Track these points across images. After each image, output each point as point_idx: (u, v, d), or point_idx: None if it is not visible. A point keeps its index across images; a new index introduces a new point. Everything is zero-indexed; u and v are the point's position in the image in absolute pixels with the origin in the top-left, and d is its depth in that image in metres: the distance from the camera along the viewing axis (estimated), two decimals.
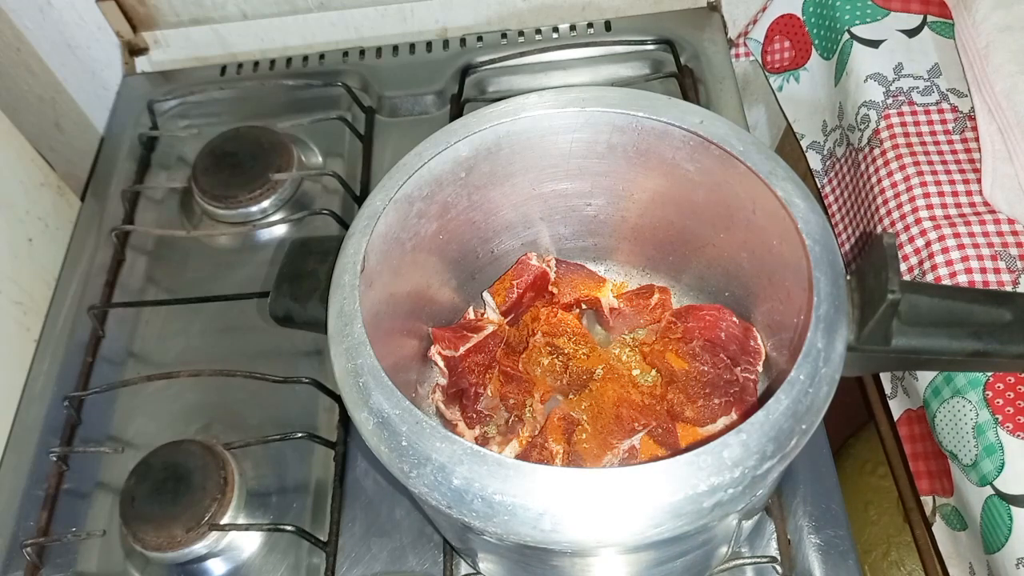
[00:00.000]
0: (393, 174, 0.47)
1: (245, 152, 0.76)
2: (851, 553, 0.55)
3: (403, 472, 0.37)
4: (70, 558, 0.60)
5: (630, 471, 0.35)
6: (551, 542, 0.35)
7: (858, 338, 0.40)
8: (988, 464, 0.54)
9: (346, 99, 0.81)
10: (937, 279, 0.61)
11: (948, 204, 0.64)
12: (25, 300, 0.73)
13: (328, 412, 0.64)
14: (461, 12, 0.87)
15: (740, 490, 0.35)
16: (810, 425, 0.37)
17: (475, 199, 0.52)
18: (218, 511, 0.58)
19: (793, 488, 0.57)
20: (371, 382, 0.39)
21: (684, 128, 0.46)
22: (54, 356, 0.71)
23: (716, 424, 0.53)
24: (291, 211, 0.76)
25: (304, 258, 0.48)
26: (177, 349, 0.70)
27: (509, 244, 0.57)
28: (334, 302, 0.43)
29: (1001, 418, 0.55)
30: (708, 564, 0.52)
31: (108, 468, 0.64)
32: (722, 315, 0.54)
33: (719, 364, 0.53)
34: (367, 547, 0.58)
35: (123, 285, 0.74)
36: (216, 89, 0.85)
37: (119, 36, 0.87)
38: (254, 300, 0.69)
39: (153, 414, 0.66)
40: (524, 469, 0.35)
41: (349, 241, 0.45)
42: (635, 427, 0.53)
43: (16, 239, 0.75)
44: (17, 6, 0.84)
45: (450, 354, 0.54)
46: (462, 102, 0.79)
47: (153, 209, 0.79)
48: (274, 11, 0.86)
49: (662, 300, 0.57)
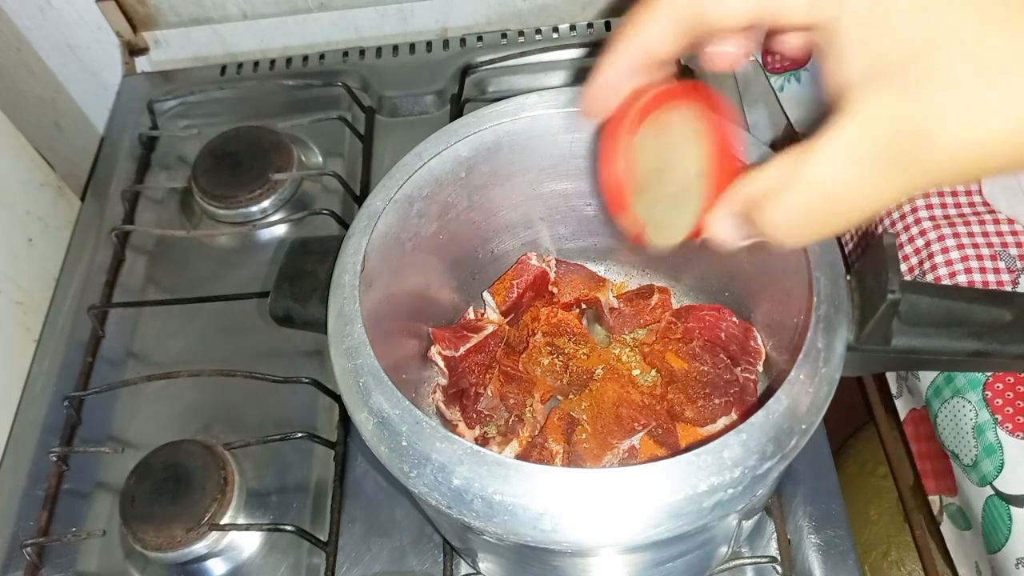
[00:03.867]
0: (393, 174, 0.47)
1: (245, 152, 0.76)
2: (851, 553, 0.55)
3: (403, 472, 0.37)
4: (70, 558, 0.60)
5: (630, 471, 0.35)
6: (551, 542, 0.35)
7: (858, 338, 0.40)
8: (988, 464, 0.54)
9: (346, 99, 0.81)
10: (937, 279, 0.61)
11: (948, 204, 0.64)
12: (25, 300, 0.73)
13: (328, 412, 0.64)
14: (461, 12, 0.87)
15: (740, 490, 0.35)
16: (810, 425, 0.37)
17: (475, 199, 0.52)
18: (218, 511, 0.58)
19: (793, 488, 0.57)
20: (371, 382, 0.39)
21: None
22: (54, 356, 0.71)
23: (716, 424, 0.53)
24: (291, 211, 0.76)
25: (304, 258, 0.48)
26: (177, 349, 0.70)
27: (509, 244, 0.57)
28: (334, 302, 0.43)
29: (1000, 418, 0.55)
30: (708, 564, 0.52)
31: (108, 468, 0.64)
32: (722, 315, 0.54)
33: (719, 364, 0.53)
34: (367, 547, 0.58)
35: (123, 285, 0.74)
36: (216, 89, 0.85)
37: (119, 36, 0.87)
38: (254, 300, 0.69)
39: (153, 414, 0.66)
40: (524, 469, 0.35)
41: (349, 241, 0.45)
42: (635, 427, 0.53)
43: (16, 239, 0.75)
44: (17, 6, 0.84)
45: (450, 354, 0.54)
46: (462, 102, 0.79)
47: (153, 209, 0.79)
48: (274, 11, 0.86)
49: (662, 300, 0.57)
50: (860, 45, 0.25)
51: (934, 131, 0.24)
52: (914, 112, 0.24)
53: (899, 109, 0.24)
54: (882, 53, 0.24)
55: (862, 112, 0.25)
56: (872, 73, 0.25)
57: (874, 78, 0.24)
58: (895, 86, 0.24)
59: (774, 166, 0.28)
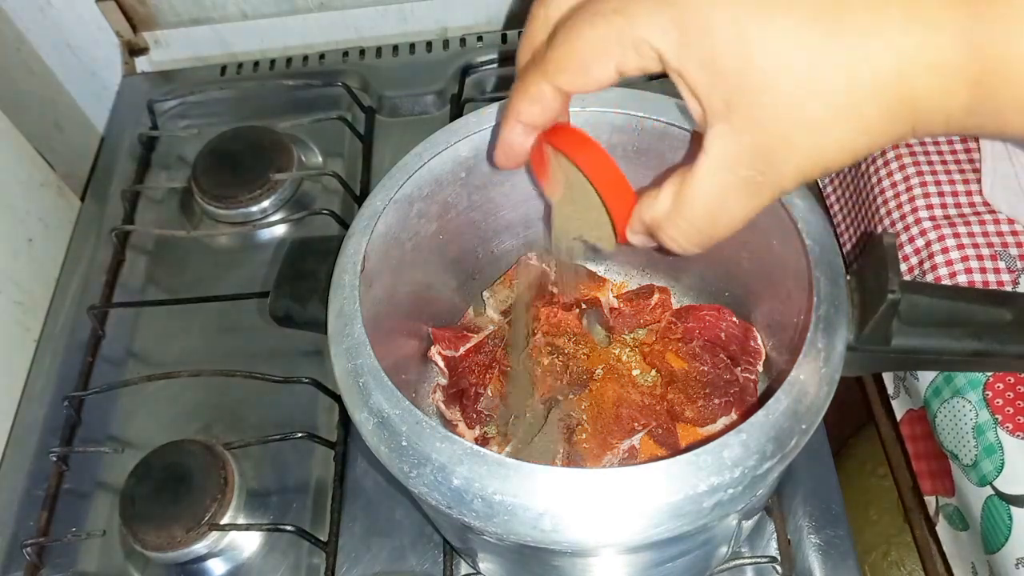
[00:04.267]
0: (393, 174, 0.47)
1: (245, 152, 0.76)
2: (851, 553, 0.55)
3: (403, 472, 0.37)
4: (70, 558, 0.60)
5: (630, 471, 0.35)
6: (551, 542, 0.35)
7: (858, 338, 0.40)
8: (988, 464, 0.54)
9: (346, 99, 0.81)
10: (937, 279, 0.61)
11: (948, 204, 0.64)
12: (25, 300, 0.73)
13: (328, 412, 0.64)
14: (461, 12, 0.87)
15: (740, 490, 0.35)
16: (810, 425, 0.37)
17: (475, 199, 0.52)
18: (218, 511, 0.58)
19: (793, 488, 0.57)
20: (371, 382, 0.39)
21: (684, 128, 0.46)
22: (54, 356, 0.71)
23: (716, 424, 0.53)
24: (291, 211, 0.76)
25: (304, 258, 0.48)
26: (177, 349, 0.70)
27: (509, 244, 0.57)
28: (334, 302, 0.43)
29: (1001, 418, 0.55)
30: (708, 564, 0.52)
31: (108, 468, 0.64)
32: (722, 315, 0.54)
33: (719, 364, 0.53)
34: (367, 547, 0.58)
35: (123, 285, 0.74)
36: (216, 89, 0.85)
37: (119, 36, 0.87)
38: (254, 300, 0.69)
39: (153, 414, 0.66)
40: (524, 469, 0.35)
41: (349, 241, 0.45)
42: (635, 427, 0.53)
43: (16, 239, 0.75)
44: (17, 6, 0.84)
45: (450, 354, 0.54)
46: (462, 102, 0.79)
47: (153, 209, 0.79)
48: (274, 11, 0.86)
49: (662, 300, 0.57)
50: (702, 93, 0.30)
51: (775, 157, 0.30)
52: (749, 148, 0.30)
53: (738, 146, 0.30)
54: (718, 97, 0.30)
55: (712, 150, 0.31)
56: (713, 116, 0.30)
57: (714, 120, 0.30)
58: (732, 125, 0.30)
59: (663, 195, 0.34)
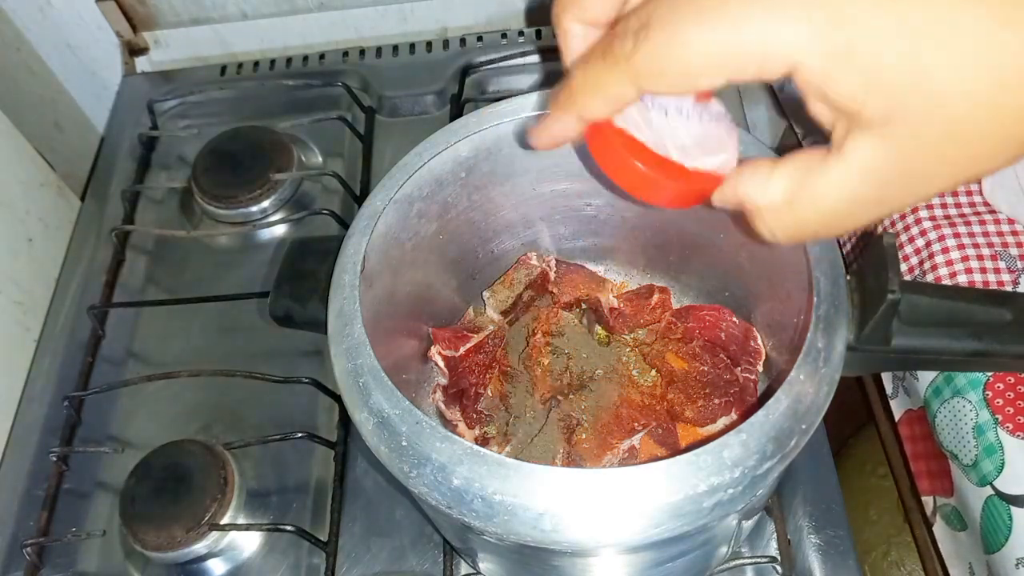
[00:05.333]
0: (393, 174, 0.47)
1: (245, 152, 0.76)
2: (851, 553, 0.55)
3: (403, 472, 0.37)
4: (70, 558, 0.60)
5: (630, 471, 0.35)
6: (551, 542, 0.35)
7: (858, 338, 0.40)
8: (988, 464, 0.54)
9: (346, 99, 0.81)
10: (937, 279, 0.61)
11: (948, 204, 0.64)
12: (25, 300, 0.73)
13: (328, 412, 0.64)
14: (461, 12, 0.87)
15: (740, 490, 0.35)
16: (810, 425, 0.37)
17: (475, 199, 0.52)
18: (218, 511, 0.58)
19: (793, 488, 0.57)
20: (371, 382, 0.39)
21: None
22: (54, 356, 0.71)
23: (716, 424, 0.53)
24: (291, 211, 0.76)
25: (304, 258, 0.48)
26: (177, 349, 0.70)
27: (509, 244, 0.57)
28: (334, 302, 0.43)
29: (1001, 418, 0.55)
30: (708, 564, 0.52)
31: (108, 468, 0.64)
32: (722, 315, 0.54)
33: (719, 364, 0.53)
34: (367, 547, 0.58)
35: (123, 285, 0.74)
36: (216, 89, 0.85)
37: (119, 36, 0.87)
38: (254, 300, 0.69)
39: (153, 414, 0.66)
40: (524, 469, 0.35)
41: (349, 241, 0.45)
42: (635, 427, 0.53)
43: (16, 239, 0.75)
44: (17, 6, 0.84)
45: (450, 354, 0.54)
46: (462, 102, 0.79)
47: (153, 209, 0.79)
48: (274, 11, 0.86)
49: (662, 300, 0.57)
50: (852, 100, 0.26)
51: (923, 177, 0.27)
52: (900, 164, 0.27)
53: (887, 162, 0.27)
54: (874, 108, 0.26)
55: (853, 158, 0.27)
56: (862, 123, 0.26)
57: (864, 127, 0.26)
58: (884, 139, 0.26)
59: (775, 184, 0.30)
